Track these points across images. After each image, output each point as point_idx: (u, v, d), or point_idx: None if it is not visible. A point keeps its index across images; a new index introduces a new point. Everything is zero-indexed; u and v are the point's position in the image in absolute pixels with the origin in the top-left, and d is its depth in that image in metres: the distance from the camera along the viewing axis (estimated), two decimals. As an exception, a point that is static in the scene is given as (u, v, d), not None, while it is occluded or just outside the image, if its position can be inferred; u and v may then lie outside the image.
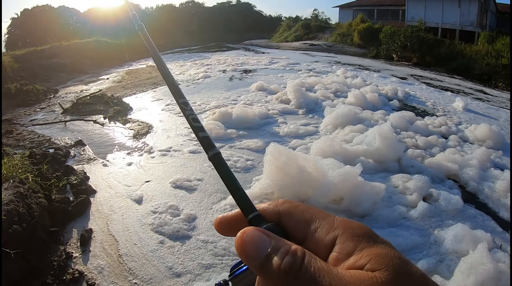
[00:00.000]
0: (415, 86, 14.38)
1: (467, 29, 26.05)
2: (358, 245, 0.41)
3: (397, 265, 0.39)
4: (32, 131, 8.38)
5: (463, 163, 5.97)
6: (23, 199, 4.05)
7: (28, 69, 16.73)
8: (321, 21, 41.81)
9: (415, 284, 0.38)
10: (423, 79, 16.47)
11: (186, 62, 20.16)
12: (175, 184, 5.28)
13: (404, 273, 0.38)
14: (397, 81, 15.09)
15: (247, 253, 0.42)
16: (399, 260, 0.39)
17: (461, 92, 14.12)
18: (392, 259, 0.39)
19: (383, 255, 0.39)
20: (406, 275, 0.38)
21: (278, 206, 0.48)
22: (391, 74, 16.82)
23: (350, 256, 0.40)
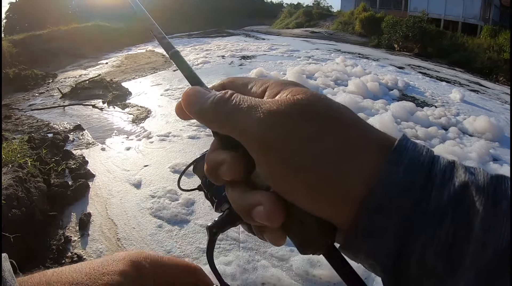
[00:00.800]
0: (412, 75, 14.35)
1: (470, 22, 25.89)
2: (285, 87, 0.43)
3: (316, 93, 0.41)
4: (31, 116, 8.34)
5: (462, 155, 5.95)
6: (22, 183, 4.05)
7: (27, 54, 16.57)
8: (323, 8, 41.62)
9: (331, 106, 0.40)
10: (421, 69, 16.42)
11: (185, 47, 19.99)
12: (174, 168, 5.28)
13: (323, 98, 0.40)
14: (394, 70, 15.04)
15: (188, 102, 0.46)
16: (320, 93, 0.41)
17: (457, 83, 14.10)
18: (313, 91, 0.41)
19: (304, 89, 0.42)
20: (323, 99, 0.40)
21: (224, 80, 0.52)
22: (390, 63, 16.76)
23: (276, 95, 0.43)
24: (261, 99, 0.42)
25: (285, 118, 0.38)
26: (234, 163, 0.42)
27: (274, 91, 0.44)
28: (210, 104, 0.44)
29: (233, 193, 0.43)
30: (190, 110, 0.46)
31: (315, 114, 0.38)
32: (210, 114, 0.44)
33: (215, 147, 0.46)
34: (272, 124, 0.38)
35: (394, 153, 0.36)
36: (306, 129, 0.37)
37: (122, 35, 22.69)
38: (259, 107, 0.40)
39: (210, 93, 0.46)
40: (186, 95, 0.47)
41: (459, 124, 8.13)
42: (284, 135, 0.37)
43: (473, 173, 0.34)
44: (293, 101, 0.39)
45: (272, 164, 0.38)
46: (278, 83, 0.45)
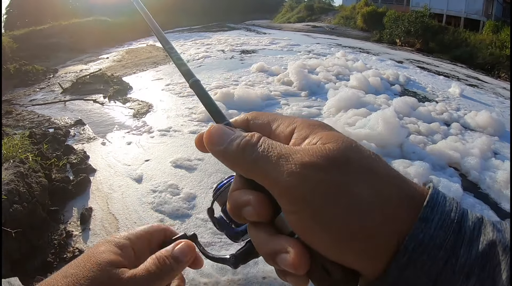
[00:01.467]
0: (410, 69, 14.44)
1: (472, 17, 25.73)
2: (313, 130, 0.44)
3: (347, 140, 0.41)
4: (32, 111, 8.34)
5: (464, 151, 5.95)
6: (23, 178, 4.05)
7: (27, 49, 16.56)
8: (325, 3, 41.46)
9: (363, 155, 0.39)
10: (419, 64, 16.49)
11: (186, 42, 19.96)
12: (175, 163, 5.29)
13: (354, 146, 0.40)
14: (392, 64, 15.16)
15: (212, 141, 0.46)
16: (350, 140, 0.41)
17: (455, 78, 14.16)
18: (343, 137, 0.41)
19: (334, 134, 0.42)
20: (355, 148, 0.40)
21: (247, 115, 0.52)
22: (389, 58, 16.82)
23: (305, 140, 0.43)
24: (291, 148, 0.41)
25: (318, 171, 0.37)
26: (259, 206, 0.42)
27: (303, 134, 0.44)
28: (236, 148, 0.43)
29: (257, 234, 0.44)
30: (214, 150, 0.46)
31: (347, 166, 0.38)
32: (236, 159, 0.43)
33: (239, 186, 0.45)
34: (304, 177, 0.37)
35: (426, 209, 0.36)
36: (339, 182, 0.37)
37: (123, 30, 22.63)
38: (290, 157, 0.39)
39: (235, 133, 0.46)
40: (209, 134, 0.47)
41: (461, 119, 8.14)
42: (316, 189, 0.37)
43: (500, 230, 0.34)
44: (325, 152, 0.39)
45: (302, 217, 0.38)
46: (305, 125, 0.45)
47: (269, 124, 0.49)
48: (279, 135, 0.46)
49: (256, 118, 0.51)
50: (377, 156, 0.41)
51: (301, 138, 0.43)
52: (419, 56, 19.64)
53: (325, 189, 0.37)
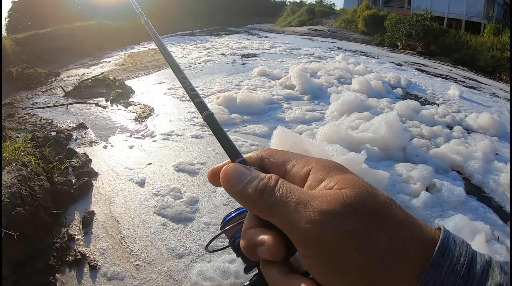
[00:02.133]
0: (408, 71, 14.60)
1: (473, 20, 25.76)
2: (328, 173, 0.45)
3: (362, 185, 0.42)
4: (34, 115, 8.35)
5: (467, 155, 5.95)
6: (25, 181, 4.05)
7: (30, 52, 16.59)
8: (326, 6, 41.47)
9: (379, 201, 0.41)
10: (417, 66, 16.60)
11: (188, 45, 20.01)
12: (178, 167, 5.28)
13: (370, 192, 0.42)
14: (391, 66, 15.30)
15: (229, 181, 0.47)
16: (365, 183, 0.43)
17: (452, 79, 14.32)
18: (358, 182, 0.43)
19: (350, 178, 0.43)
20: (371, 193, 0.41)
21: (261, 152, 0.53)
22: (389, 61, 16.93)
23: (321, 183, 0.44)
24: (309, 193, 0.42)
25: (336, 219, 0.39)
26: (274, 247, 0.43)
27: (318, 177, 0.45)
28: (253, 191, 0.44)
29: (270, 272, 0.44)
30: (230, 190, 0.47)
31: (364, 213, 0.40)
32: (253, 201, 0.45)
33: (253, 224, 0.47)
34: (323, 225, 0.39)
35: (437, 255, 0.38)
36: (356, 230, 0.39)
37: (125, 34, 22.67)
38: (309, 203, 0.40)
39: (251, 174, 0.47)
40: (225, 174, 0.48)
41: (463, 122, 8.19)
42: (335, 237, 0.38)
43: (507, 272, 0.36)
44: (342, 198, 0.40)
45: (320, 262, 0.39)
46: (321, 166, 0.46)
47: (284, 164, 0.50)
48: (295, 175, 0.47)
49: (271, 156, 0.52)
50: (391, 201, 0.42)
51: (317, 180, 0.45)
52: (418, 59, 19.77)
53: (342, 238, 0.38)
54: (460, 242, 0.39)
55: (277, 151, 0.53)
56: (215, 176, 0.52)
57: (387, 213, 0.40)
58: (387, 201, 0.41)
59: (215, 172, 0.52)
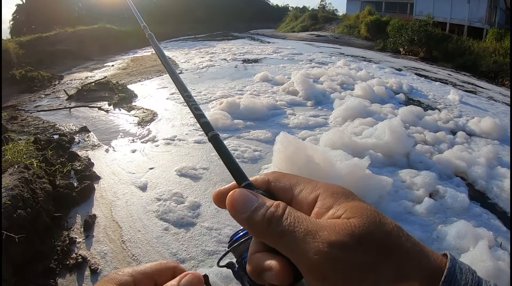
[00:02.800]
0: (407, 76, 14.71)
1: (476, 25, 25.77)
2: (336, 200, 0.44)
3: (370, 214, 0.42)
4: (37, 117, 8.37)
5: (471, 160, 5.93)
6: (27, 184, 4.05)
7: (33, 55, 16.66)
8: (328, 12, 41.54)
9: (387, 231, 0.41)
10: (417, 71, 16.79)
11: (191, 50, 20.10)
12: (180, 172, 5.27)
13: (378, 221, 0.41)
14: (390, 71, 15.47)
15: (235, 208, 0.46)
16: (373, 211, 0.43)
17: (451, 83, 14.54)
18: (367, 210, 0.42)
19: (358, 206, 0.43)
20: (379, 223, 0.41)
21: (268, 176, 0.52)
22: (389, 66, 17.08)
23: (329, 210, 0.44)
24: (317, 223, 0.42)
25: (344, 251, 0.39)
26: (281, 273, 0.42)
27: (326, 204, 0.45)
28: (261, 219, 0.44)
29: None
30: (237, 217, 0.47)
31: (372, 244, 0.40)
32: (261, 229, 0.44)
33: (260, 248, 0.46)
34: (330, 257, 0.39)
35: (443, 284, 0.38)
36: (363, 261, 0.39)
37: (129, 38, 22.77)
38: (317, 234, 0.40)
39: (258, 200, 0.47)
40: (232, 200, 0.47)
41: (466, 127, 8.19)
42: (342, 267, 0.39)
43: None
44: (350, 229, 0.40)
45: None
46: (329, 193, 0.46)
47: (291, 188, 0.49)
48: (302, 201, 0.47)
49: (278, 180, 0.51)
50: (399, 229, 0.42)
51: (325, 207, 0.44)
52: (419, 64, 19.94)
53: (350, 270, 0.39)
54: (466, 270, 0.39)
55: (284, 174, 0.52)
56: (220, 198, 0.51)
57: (395, 243, 0.40)
58: (395, 230, 0.41)
59: (221, 194, 0.52)
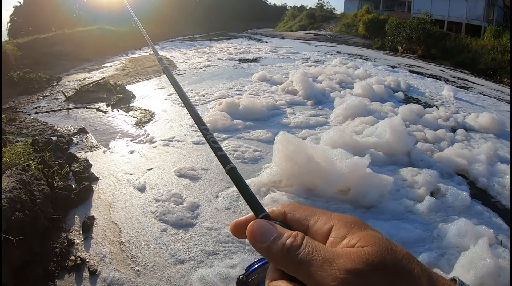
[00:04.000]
0: (400, 73, 14.96)
1: (474, 23, 25.86)
2: (350, 230, 0.48)
3: (382, 242, 0.45)
4: (35, 119, 8.33)
5: (471, 158, 5.92)
6: (25, 186, 4.02)
7: (31, 57, 16.62)
8: (326, 11, 41.61)
9: (398, 257, 0.44)
10: (411, 68, 17.02)
11: (188, 50, 20.10)
12: (179, 172, 5.24)
13: (389, 249, 0.45)
14: (383, 68, 15.71)
15: (256, 238, 0.50)
16: (385, 240, 0.46)
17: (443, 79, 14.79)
18: (379, 238, 0.46)
19: (371, 235, 0.47)
20: (390, 250, 0.45)
21: (284, 207, 0.56)
22: (385, 64, 17.30)
23: (343, 239, 0.47)
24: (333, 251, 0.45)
25: (360, 277, 0.42)
26: None
27: (341, 234, 0.49)
28: (280, 248, 0.48)
29: None
30: (257, 246, 0.50)
31: (385, 270, 0.43)
32: (279, 258, 0.48)
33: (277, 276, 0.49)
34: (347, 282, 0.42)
35: None
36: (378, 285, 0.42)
37: (126, 38, 22.73)
38: (334, 262, 0.44)
39: (277, 230, 0.50)
40: (252, 231, 0.51)
41: (465, 123, 8.31)
42: None
43: None
44: (365, 256, 0.43)
45: None
46: (343, 223, 0.50)
47: (306, 219, 0.53)
48: (317, 231, 0.51)
49: (294, 211, 0.55)
50: (410, 256, 0.45)
51: (339, 237, 0.48)
52: (413, 61, 20.23)
53: None
54: None
55: (300, 206, 0.56)
56: (238, 229, 0.56)
57: (406, 269, 0.43)
58: (405, 256, 0.45)
59: (239, 225, 0.56)
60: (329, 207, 4.35)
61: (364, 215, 4.26)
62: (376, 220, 4.16)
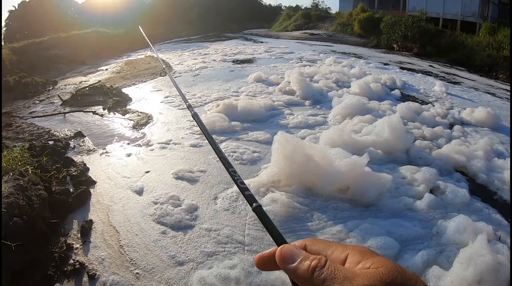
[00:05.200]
0: (390, 69, 15.17)
1: (469, 20, 25.96)
2: (364, 256, 0.56)
3: (394, 265, 0.53)
4: (32, 124, 8.29)
5: (469, 154, 5.93)
6: (23, 191, 4.00)
7: (27, 61, 16.61)
8: (322, 10, 41.63)
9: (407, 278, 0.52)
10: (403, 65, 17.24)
11: (184, 52, 20.08)
12: (177, 175, 5.21)
13: (400, 270, 0.53)
14: (374, 66, 15.95)
15: (285, 260, 0.60)
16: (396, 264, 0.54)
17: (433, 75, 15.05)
18: (390, 262, 0.54)
19: (383, 260, 0.55)
20: (401, 271, 0.53)
21: (305, 241, 0.65)
22: (377, 61, 17.54)
23: (359, 264, 0.55)
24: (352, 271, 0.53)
25: None
26: None
27: (355, 260, 0.56)
28: (306, 269, 0.56)
29: None
30: (286, 267, 0.59)
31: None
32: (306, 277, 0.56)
33: None
34: None
35: None
36: None
37: (122, 41, 22.73)
38: (353, 279, 0.52)
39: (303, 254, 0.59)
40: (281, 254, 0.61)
41: (461, 119, 8.42)
42: None
43: None
44: (379, 276, 0.51)
45: None
46: (357, 251, 0.58)
47: (324, 250, 0.61)
48: (335, 259, 0.58)
49: (313, 244, 0.64)
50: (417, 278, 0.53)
51: (354, 262, 0.56)
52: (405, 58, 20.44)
53: None
54: None
55: (318, 240, 0.65)
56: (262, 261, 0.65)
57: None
58: (413, 277, 0.52)
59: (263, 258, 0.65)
60: (328, 206, 4.35)
61: (363, 213, 4.26)
62: (375, 218, 4.16)
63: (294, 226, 4.00)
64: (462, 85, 13.56)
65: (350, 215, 4.22)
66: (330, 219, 4.13)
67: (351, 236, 3.78)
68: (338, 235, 3.83)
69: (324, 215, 4.18)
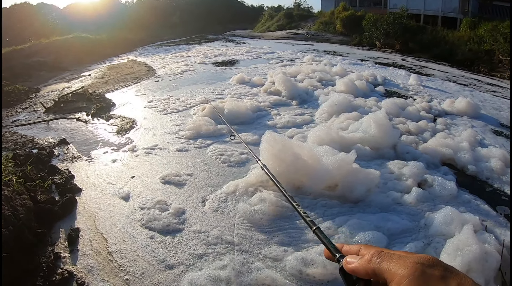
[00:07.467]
0: (364, 65, 15.74)
1: (450, 15, 26.36)
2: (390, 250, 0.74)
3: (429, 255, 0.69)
4: (15, 132, 8.15)
5: (455, 146, 6.04)
6: (8, 202, 3.92)
7: (8, 69, 16.36)
8: (304, 10, 41.95)
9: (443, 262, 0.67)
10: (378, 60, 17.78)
11: (166, 55, 20.01)
12: (164, 179, 5.16)
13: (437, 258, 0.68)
14: (348, 62, 16.43)
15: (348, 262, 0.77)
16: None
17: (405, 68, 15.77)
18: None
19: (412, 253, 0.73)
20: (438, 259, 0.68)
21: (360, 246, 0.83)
22: (355, 58, 18.02)
23: None
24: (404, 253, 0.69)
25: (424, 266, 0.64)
26: None
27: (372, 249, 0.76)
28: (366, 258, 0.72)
29: None
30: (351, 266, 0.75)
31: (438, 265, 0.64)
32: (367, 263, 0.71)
33: None
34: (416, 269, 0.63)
35: None
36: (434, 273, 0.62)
37: (104, 46, 22.52)
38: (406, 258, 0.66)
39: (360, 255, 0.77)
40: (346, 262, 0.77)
41: (443, 110, 8.73)
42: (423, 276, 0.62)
43: None
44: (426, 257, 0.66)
45: None
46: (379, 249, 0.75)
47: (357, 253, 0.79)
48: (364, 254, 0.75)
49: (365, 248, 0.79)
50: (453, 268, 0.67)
51: None
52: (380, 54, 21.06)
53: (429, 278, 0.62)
54: None
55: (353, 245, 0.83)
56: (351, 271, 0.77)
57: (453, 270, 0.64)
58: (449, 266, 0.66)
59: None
60: (316, 203, 4.35)
61: (352, 209, 4.28)
62: (364, 213, 4.18)
63: (283, 224, 3.99)
64: (433, 76, 14.12)
65: (339, 211, 4.23)
66: (319, 216, 4.14)
67: (340, 232, 3.78)
68: (327, 231, 3.83)
69: (312, 213, 4.19)
